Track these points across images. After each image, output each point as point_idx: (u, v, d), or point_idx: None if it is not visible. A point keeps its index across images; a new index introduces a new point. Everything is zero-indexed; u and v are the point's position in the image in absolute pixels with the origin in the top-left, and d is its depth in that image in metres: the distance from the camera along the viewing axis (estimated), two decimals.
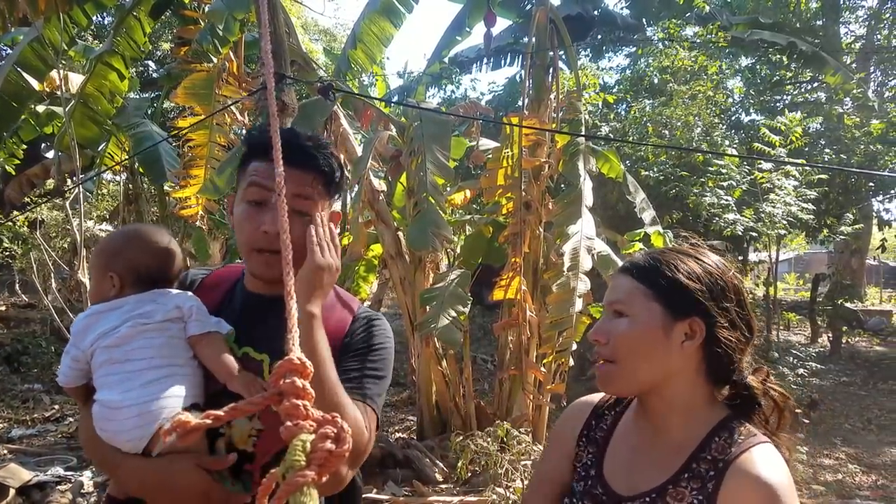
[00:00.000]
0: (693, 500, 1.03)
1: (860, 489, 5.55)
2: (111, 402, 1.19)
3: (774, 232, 7.66)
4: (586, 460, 1.22)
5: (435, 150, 4.72)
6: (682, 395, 1.12)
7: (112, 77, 6.44)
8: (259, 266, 1.29)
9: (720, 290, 1.12)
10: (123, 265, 1.33)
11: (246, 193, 1.27)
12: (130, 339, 1.24)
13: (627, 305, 1.13)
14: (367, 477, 5.12)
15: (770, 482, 0.99)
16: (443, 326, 4.69)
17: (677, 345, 1.10)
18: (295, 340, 0.77)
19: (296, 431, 0.70)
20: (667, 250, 1.19)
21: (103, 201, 12.71)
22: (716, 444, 1.07)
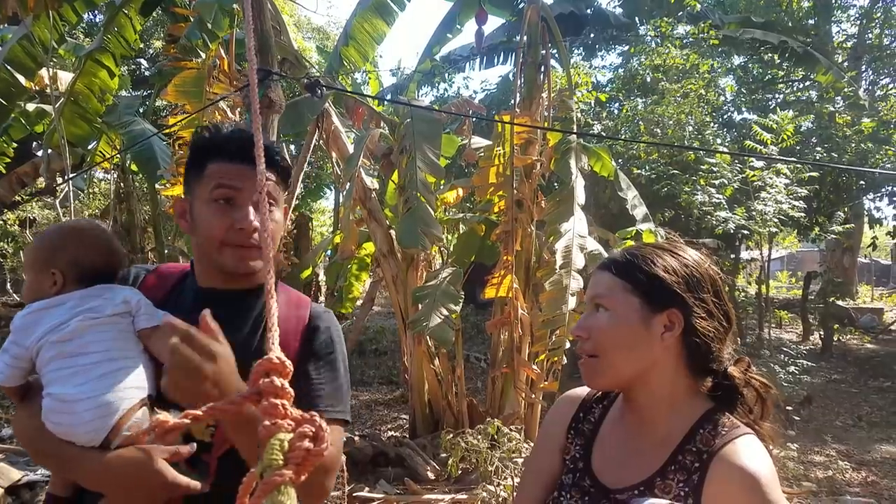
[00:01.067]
0: (680, 491, 1.05)
1: (850, 486, 5.58)
2: (65, 396, 1.17)
3: (766, 230, 7.68)
4: (574, 453, 1.24)
5: (425, 149, 4.72)
6: (664, 388, 1.14)
7: (102, 75, 6.40)
8: (233, 260, 1.31)
9: (696, 282, 1.14)
10: (66, 261, 1.31)
11: (213, 194, 1.30)
12: (81, 332, 1.22)
13: (607, 300, 1.15)
14: (360, 475, 5.12)
15: (753, 472, 1.01)
16: (435, 325, 4.69)
17: (657, 337, 1.12)
18: (274, 340, 0.76)
19: (274, 430, 0.69)
20: (644, 245, 1.22)
21: (95, 200, 12.67)
22: (700, 436, 1.09)
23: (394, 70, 13.89)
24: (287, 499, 0.65)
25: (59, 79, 7.08)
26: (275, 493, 0.65)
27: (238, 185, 1.29)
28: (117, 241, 1.44)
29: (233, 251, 1.30)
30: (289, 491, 0.65)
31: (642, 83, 11.27)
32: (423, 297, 4.99)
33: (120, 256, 1.41)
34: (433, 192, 5.02)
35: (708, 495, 1.03)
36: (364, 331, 11.00)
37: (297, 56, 5.27)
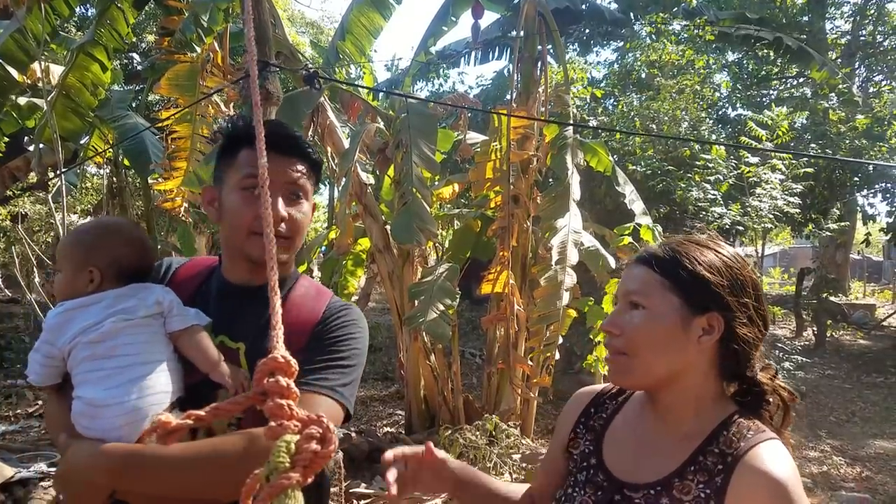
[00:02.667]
0: (700, 493, 1.02)
1: (845, 481, 5.60)
2: (95, 401, 1.15)
3: (761, 226, 7.70)
4: (584, 448, 1.21)
5: (421, 143, 4.69)
6: (693, 390, 1.11)
7: (94, 68, 6.33)
8: (259, 248, 1.29)
9: (740, 285, 1.10)
10: (106, 260, 1.29)
11: (242, 181, 1.30)
12: (114, 334, 1.21)
13: (645, 297, 1.10)
14: (356, 471, 5.11)
15: (780, 478, 0.99)
16: (431, 320, 4.67)
17: (694, 340, 1.08)
18: (279, 338, 0.75)
19: (280, 432, 0.67)
20: (685, 240, 1.16)
21: (87, 195, 12.58)
22: (724, 438, 1.06)
23: (388, 65, 13.85)
24: (294, 501, 0.63)
25: (51, 72, 7.00)
26: (282, 496, 0.63)
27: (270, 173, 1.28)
28: (147, 237, 1.43)
29: (260, 240, 1.27)
30: (296, 494, 0.63)
31: (637, 79, 11.26)
32: (420, 293, 4.97)
33: (153, 255, 1.40)
34: (428, 188, 4.99)
35: (731, 498, 1.00)
36: None
37: (292, 50, 5.23)
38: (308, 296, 1.39)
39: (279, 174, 1.28)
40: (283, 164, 1.30)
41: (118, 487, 1.13)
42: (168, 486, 1.14)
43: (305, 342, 1.30)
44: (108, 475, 1.11)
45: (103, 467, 1.11)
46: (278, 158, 1.29)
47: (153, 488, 1.14)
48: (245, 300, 1.34)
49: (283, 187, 1.30)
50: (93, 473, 1.11)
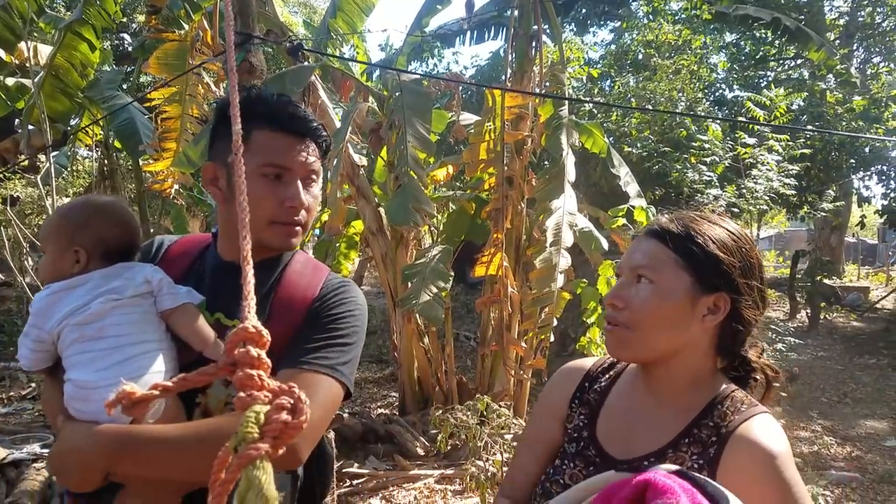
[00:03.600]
0: (693, 464, 1.03)
1: (835, 460, 5.64)
2: (86, 383, 1.13)
3: (757, 208, 7.68)
4: (578, 422, 1.20)
5: (416, 123, 4.63)
6: (690, 367, 1.11)
7: (83, 48, 6.25)
8: (280, 238, 1.28)
9: (749, 267, 1.10)
10: (92, 239, 1.26)
11: (262, 168, 1.25)
12: (103, 315, 1.18)
13: (654, 272, 1.08)
14: (349, 452, 5.12)
15: (771, 449, 1.00)
16: (424, 302, 4.65)
17: (698, 318, 1.08)
18: (251, 308, 0.72)
19: (249, 402, 0.65)
20: (696, 216, 1.14)
21: (79, 178, 12.49)
22: (718, 412, 1.07)
23: (382, 44, 13.73)
24: (263, 473, 0.61)
25: (39, 52, 6.91)
26: (250, 467, 0.61)
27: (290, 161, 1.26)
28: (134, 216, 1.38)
29: (280, 229, 1.27)
30: (265, 465, 0.61)
31: (634, 59, 11.19)
32: (413, 275, 4.95)
33: (139, 233, 1.37)
34: (424, 168, 4.95)
35: (724, 469, 1.01)
36: None
37: (282, 28, 5.15)
38: (305, 272, 1.35)
39: (298, 160, 1.26)
40: (300, 148, 1.26)
41: (113, 469, 1.10)
42: (165, 467, 1.12)
43: (303, 319, 1.27)
44: (102, 456, 1.08)
45: (98, 448, 1.08)
46: (294, 141, 1.26)
47: (150, 470, 1.12)
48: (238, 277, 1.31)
49: (301, 175, 1.27)
50: (87, 455, 1.08)
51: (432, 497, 4.49)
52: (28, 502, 3.80)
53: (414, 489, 4.58)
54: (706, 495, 0.84)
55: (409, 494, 4.52)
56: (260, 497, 0.59)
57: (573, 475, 1.13)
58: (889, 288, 15.90)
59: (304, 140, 1.28)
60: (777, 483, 0.98)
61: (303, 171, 1.27)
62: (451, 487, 4.61)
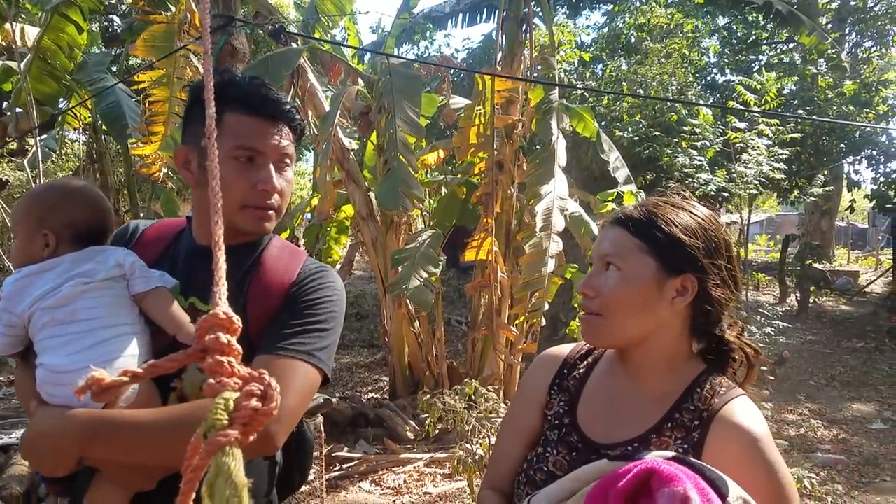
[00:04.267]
0: (678, 448, 1.05)
1: (822, 443, 5.70)
2: (58, 367, 1.12)
3: (747, 192, 7.69)
4: (558, 409, 1.21)
5: (405, 107, 4.61)
6: (665, 349, 1.13)
7: (70, 30, 6.17)
8: (252, 221, 1.27)
9: (714, 247, 1.11)
10: (60, 222, 1.24)
11: (234, 151, 1.24)
12: (73, 298, 1.16)
13: (620, 259, 1.10)
14: (339, 436, 5.15)
15: (754, 432, 1.03)
16: (414, 287, 4.66)
17: (667, 300, 1.09)
18: (222, 294, 0.72)
19: (218, 389, 0.65)
20: (660, 202, 1.16)
21: (67, 161, 12.37)
22: (697, 395, 1.09)
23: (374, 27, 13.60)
24: (232, 460, 0.61)
25: (26, 34, 6.81)
26: (219, 454, 0.61)
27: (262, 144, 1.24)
28: (106, 199, 1.36)
29: (252, 213, 1.26)
30: (234, 452, 0.61)
31: (626, 43, 11.14)
32: (403, 259, 4.95)
33: (111, 216, 1.34)
34: (413, 152, 4.93)
35: (709, 453, 1.03)
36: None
37: (270, 9, 5.09)
38: (282, 257, 1.34)
39: (270, 143, 1.24)
40: (272, 132, 1.25)
41: (86, 454, 1.10)
42: (138, 452, 1.11)
43: (280, 304, 1.26)
44: (75, 442, 1.07)
45: (70, 433, 1.07)
46: (267, 124, 1.24)
47: (123, 454, 1.11)
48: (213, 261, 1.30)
49: (273, 158, 1.26)
50: (59, 439, 1.08)
51: (422, 480, 4.52)
52: (17, 487, 3.80)
53: (403, 473, 4.61)
54: (706, 480, 0.86)
55: (399, 478, 4.55)
56: (229, 483, 0.59)
57: (556, 462, 1.14)
58: (878, 272, 16.01)
59: (277, 123, 1.26)
60: (762, 465, 1.01)
61: (275, 155, 1.26)
62: (440, 471, 4.64)
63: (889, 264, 14.79)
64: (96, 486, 1.16)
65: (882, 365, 8.58)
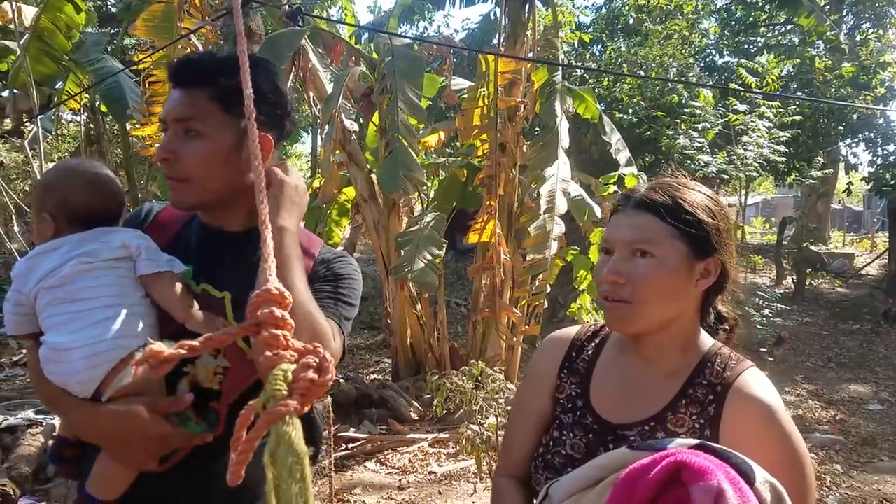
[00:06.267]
0: (694, 424, 1.06)
1: (819, 424, 5.77)
2: (59, 344, 1.13)
3: (746, 174, 7.72)
4: (570, 391, 1.21)
5: (407, 89, 4.59)
6: (684, 331, 1.14)
7: (68, 10, 6.11)
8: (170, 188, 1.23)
9: (727, 227, 1.13)
10: (55, 204, 1.24)
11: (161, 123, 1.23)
12: (74, 278, 1.16)
13: (653, 245, 1.08)
14: (344, 417, 5.18)
15: (770, 403, 1.04)
16: (418, 270, 4.68)
17: (693, 283, 1.10)
18: (272, 270, 0.73)
19: (276, 361, 0.66)
20: (676, 184, 1.15)
21: (65, 142, 12.31)
22: (709, 370, 1.10)
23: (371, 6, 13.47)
24: (292, 429, 0.62)
25: (22, 13, 6.73)
26: (279, 423, 0.62)
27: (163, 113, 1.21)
28: (112, 180, 1.34)
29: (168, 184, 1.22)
30: (294, 421, 0.63)
31: (626, 24, 11.08)
32: (406, 242, 4.96)
33: (118, 197, 1.32)
34: (415, 134, 4.92)
35: (726, 427, 1.04)
36: None
37: None
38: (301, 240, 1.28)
39: (167, 110, 1.20)
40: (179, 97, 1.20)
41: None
42: None
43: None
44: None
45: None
46: (178, 91, 1.20)
47: None
48: (228, 246, 1.28)
49: (172, 126, 1.20)
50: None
51: (426, 460, 4.57)
52: (25, 467, 3.83)
53: (408, 452, 4.66)
54: (734, 467, 0.86)
55: (404, 457, 4.60)
56: (291, 451, 0.61)
57: (574, 444, 1.14)
58: (874, 254, 16.09)
59: (191, 89, 1.19)
60: (779, 436, 1.02)
61: (171, 121, 1.20)
62: (444, 451, 4.69)
63: (884, 247, 14.86)
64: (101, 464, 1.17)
65: (878, 347, 8.66)
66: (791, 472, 0.99)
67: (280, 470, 0.59)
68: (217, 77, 1.18)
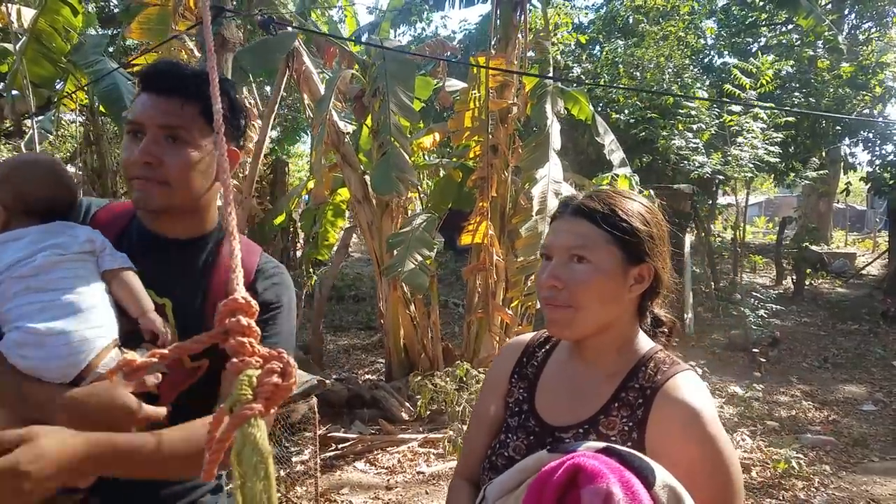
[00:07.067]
0: (623, 427, 1.09)
1: (812, 424, 5.78)
2: (37, 330, 1.13)
3: (742, 175, 7.72)
4: (518, 395, 1.25)
5: (399, 91, 4.63)
6: (620, 333, 1.17)
7: (65, 12, 6.14)
8: (136, 193, 1.25)
9: (660, 234, 1.17)
10: (13, 195, 1.26)
11: (127, 126, 1.25)
12: (48, 268, 1.18)
13: (589, 251, 1.12)
14: (335, 417, 5.22)
15: (693, 406, 1.05)
16: (409, 270, 4.71)
17: (628, 288, 1.13)
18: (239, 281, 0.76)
19: (242, 367, 0.70)
20: (612, 193, 1.19)
21: (65, 143, 12.36)
22: (643, 374, 1.13)
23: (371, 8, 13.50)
24: (257, 430, 0.66)
25: (21, 15, 6.78)
26: (245, 426, 0.66)
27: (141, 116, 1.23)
28: (67, 173, 1.36)
29: (136, 183, 1.24)
30: (259, 423, 0.66)
31: (623, 25, 11.08)
32: (398, 243, 4.99)
33: (70, 190, 1.33)
34: (407, 137, 4.95)
35: (651, 429, 1.07)
36: (341, 277, 11.02)
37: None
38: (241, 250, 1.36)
39: (149, 116, 1.22)
40: (157, 104, 1.22)
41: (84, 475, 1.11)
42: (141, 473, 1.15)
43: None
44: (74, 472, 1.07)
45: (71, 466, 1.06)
46: (154, 98, 1.23)
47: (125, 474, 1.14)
48: (170, 253, 1.30)
49: (152, 130, 1.22)
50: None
51: (415, 460, 4.59)
52: None
53: (398, 453, 4.69)
54: (633, 470, 0.89)
55: (393, 458, 4.63)
56: (256, 451, 0.65)
57: (516, 447, 1.18)
58: (875, 254, 16.04)
59: (170, 97, 1.23)
60: (700, 439, 1.03)
61: (153, 126, 1.22)
62: (433, 451, 4.71)
63: (886, 247, 14.81)
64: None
65: (875, 347, 8.63)
66: (712, 475, 1.01)
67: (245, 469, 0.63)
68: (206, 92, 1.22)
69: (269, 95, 10.36)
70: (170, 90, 1.24)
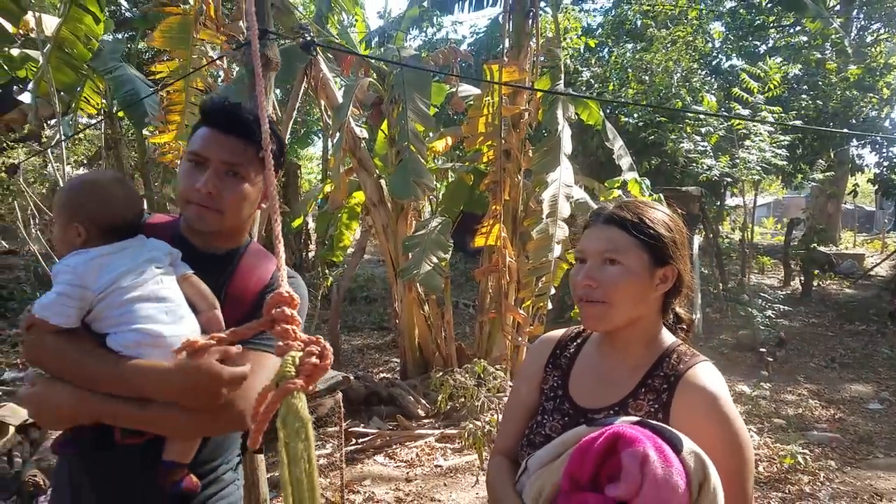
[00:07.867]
0: (650, 408, 1.26)
1: (818, 422, 5.88)
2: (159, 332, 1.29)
3: (750, 178, 7.82)
4: (553, 383, 1.43)
5: (415, 98, 4.77)
6: (647, 328, 1.35)
7: (87, 20, 6.30)
8: (191, 216, 1.43)
9: (682, 239, 1.35)
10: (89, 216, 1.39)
11: (188, 155, 1.43)
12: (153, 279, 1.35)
13: (621, 255, 1.30)
14: (354, 413, 5.37)
15: (713, 392, 1.23)
16: (424, 272, 4.84)
17: (654, 288, 1.31)
18: (284, 277, 0.92)
19: (286, 349, 0.87)
20: (639, 203, 1.38)
21: (80, 146, 12.56)
22: (667, 363, 1.30)
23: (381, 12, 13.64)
24: (299, 402, 0.81)
25: (43, 23, 6.96)
26: (289, 397, 0.81)
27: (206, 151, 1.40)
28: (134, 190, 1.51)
29: (193, 208, 1.42)
30: (300, 395, 0.81)
31: (632, 28, 11.19)
32: (413, 245, 5.13)
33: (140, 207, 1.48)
34: (423, 142, 5.09)
35: (675, 411, 1.24)
36: (355, 279, 11.18)
37: (283, 1, 5.24)
38: (257, 264, 1.52)
39: (214, 151, 1.40)
40: (219, 141, 1.41)
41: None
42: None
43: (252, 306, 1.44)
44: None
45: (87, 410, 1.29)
46: (216, 134, 1.41)
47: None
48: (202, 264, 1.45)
49: (216, 164, 1.41)
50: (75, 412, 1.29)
51: (433, 454, 4.74)
52: (54, 459, 4.01)
53: (416, 447, 4.84)
54: (664, 439, 1.06)
55: (412, 452, 4.78)
56: (297, 418, 0.80)
57: (553, 426, 1.36)
58: (883, 255, 16.05)
59: (230, 136, 1.41)
60: (719, 420, 1.20)
61: (216, 161, 1.40)
62: (450, 446, 4.86)
63: (894, 247, 14.83)
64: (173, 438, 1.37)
65: (883, 347, 8.71)
66: (730, 453, 1.18)
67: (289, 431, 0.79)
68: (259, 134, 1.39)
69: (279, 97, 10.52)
70: (233, 130, 1.42)
